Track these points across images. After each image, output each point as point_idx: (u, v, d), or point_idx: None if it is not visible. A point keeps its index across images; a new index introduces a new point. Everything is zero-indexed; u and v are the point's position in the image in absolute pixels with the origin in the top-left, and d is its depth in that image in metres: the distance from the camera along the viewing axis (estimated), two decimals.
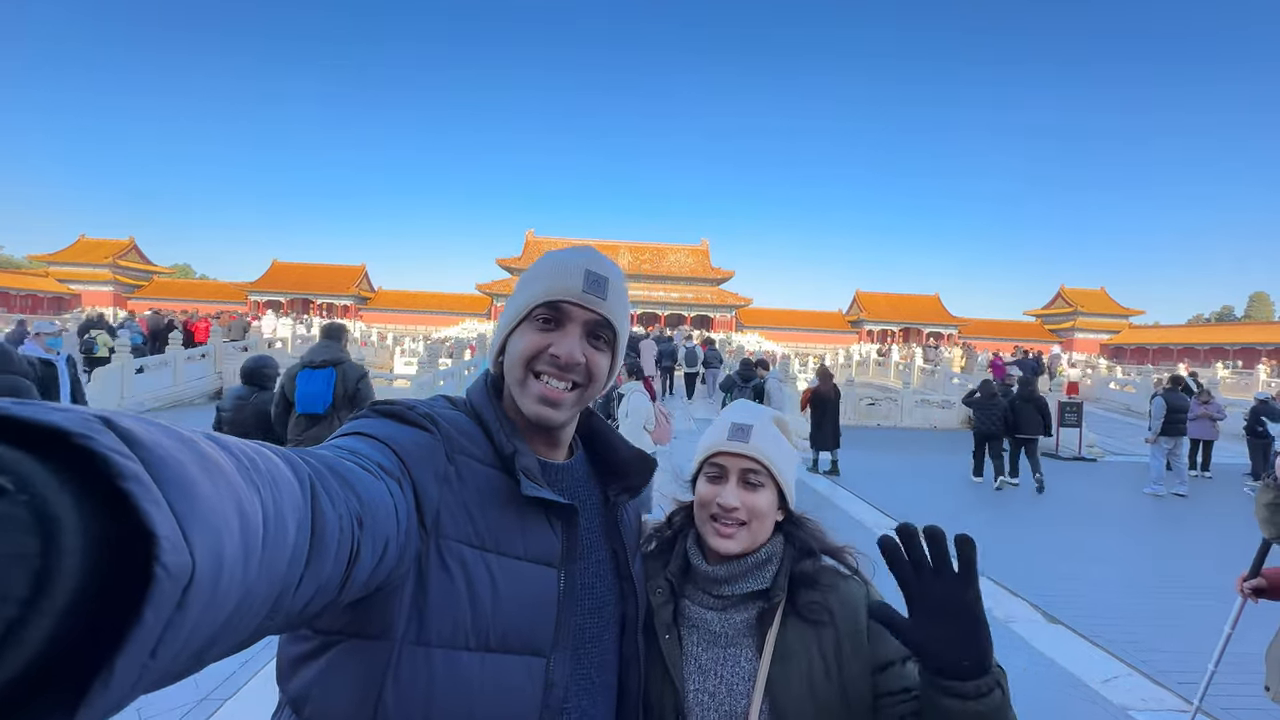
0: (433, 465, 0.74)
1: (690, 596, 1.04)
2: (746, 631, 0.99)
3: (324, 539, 0.49)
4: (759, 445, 1.02)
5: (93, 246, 54.25)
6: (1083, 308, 55.52)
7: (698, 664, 0.98)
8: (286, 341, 21.37)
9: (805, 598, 0.99)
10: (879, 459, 11.38)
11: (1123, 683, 3.74)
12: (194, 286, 60.64)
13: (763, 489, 1.02)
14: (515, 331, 0.86)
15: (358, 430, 0.74)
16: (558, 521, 0.82)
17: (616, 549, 0.93)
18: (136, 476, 0.29)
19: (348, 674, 0.69)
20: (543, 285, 0.84)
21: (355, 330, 28.92)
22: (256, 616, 0.42)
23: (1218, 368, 30.35)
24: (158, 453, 0.32)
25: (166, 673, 0.34)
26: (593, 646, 0.86)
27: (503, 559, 0.76)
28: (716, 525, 1.01)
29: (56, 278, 52.09)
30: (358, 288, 54.41)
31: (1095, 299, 57.11)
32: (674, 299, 49.04)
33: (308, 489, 0.49)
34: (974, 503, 8.47)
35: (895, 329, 53.47)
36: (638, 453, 0.98)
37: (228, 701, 3.04)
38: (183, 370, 14.18)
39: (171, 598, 0.30)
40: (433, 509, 0.72)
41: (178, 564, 0.30)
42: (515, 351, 0.84)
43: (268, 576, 0.41)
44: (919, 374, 21.56)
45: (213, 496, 0.34)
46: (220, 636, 0.38)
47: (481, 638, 0.73)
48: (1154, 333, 56.08)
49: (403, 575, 0.68)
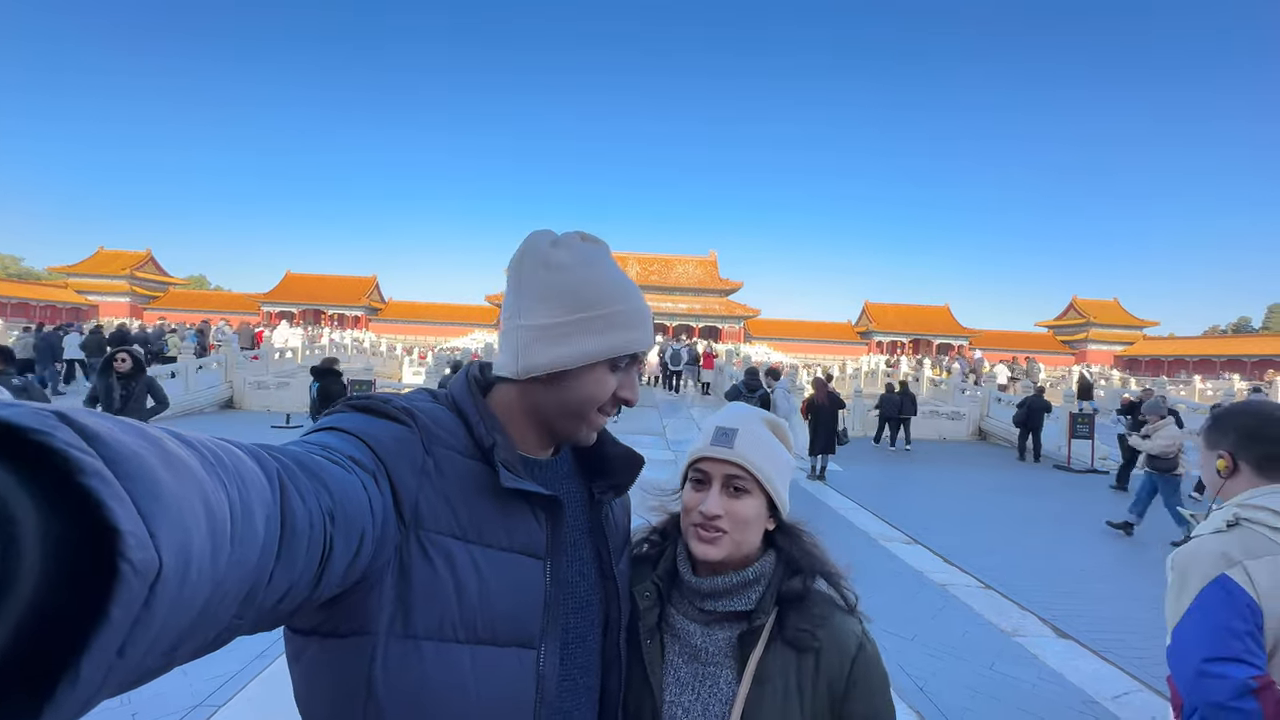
0: (409, 458, 0.73)
1: (676, 605, 1.02)
2: (729, 652, 0.96)
3: (294, 534, 0.49)
4: (743, 450, 0.99)
5: (111, 258, 55.27)
6: (1095, 319, 54.93)
7: (676, 676, 0.97)
8: (297, 352, 21.62)
9: (794, 624, 0.95)
10: (886, 470, 11.28)
11: (1135, 699, 3.66)
12: (208, 297, 61.61)
13: (748, 496, 0.98)
14: (587, 371, 0.83)
15: (331, 425, 0.74)
16: (542, 514, 0.81)
17: (600, 548, 0.92)
18: (98, 472, 0.29)
19: (330, 672, 0.69)
20: (626, 336, 0.85)
21: (365, 341, 29.16)
22: (227, 614, 0.41)
23: (1234, 379, 29.87)
24: (118, 448, 0.31)
25: (135, 671, 0.33)
26: (576, 647, 0.85)
27: (487, 550, 0.75)
28: (699, 531, 0.98)
29: (75, 289, 53.06)
30: (369, 299, 54.97)
31: (1108, 310, 56.52)
32: (682, 310, 49.06)
33: (276, 484, 0.49)
34: (982, 515, 8.36)
35: (905, 340, 53.18)
36: (625, 450, 0.96)
37: (221, 709, 3.03)
38: (194, 379, 14.35)
39: (139, 595, 0.30)
40: (411, 501, 0.71)
41: (144, 560, 0.29)
42: (592, 393, 0.84)
43: (237, 572, 0.40)
44: (928, 385, 21.41)
45: (178, 492, 0.34)
46: (190, 634, 0.37)
47: (470, 629, 0.72)
48: (1169, 344, 55.37)
49: (380, 569, 0.67)
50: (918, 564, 5.97)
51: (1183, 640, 1.34)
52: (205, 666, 3.23)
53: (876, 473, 10.80)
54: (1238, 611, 1.27)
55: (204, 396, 14.64)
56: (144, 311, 50.97)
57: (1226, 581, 1.29)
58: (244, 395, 15.74)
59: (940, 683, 3.72)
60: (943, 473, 11.45)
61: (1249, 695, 1.22)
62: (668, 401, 18.07)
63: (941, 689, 3.64)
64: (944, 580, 5.56)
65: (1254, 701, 1.21)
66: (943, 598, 5.14)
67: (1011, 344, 52.13)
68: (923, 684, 3.68)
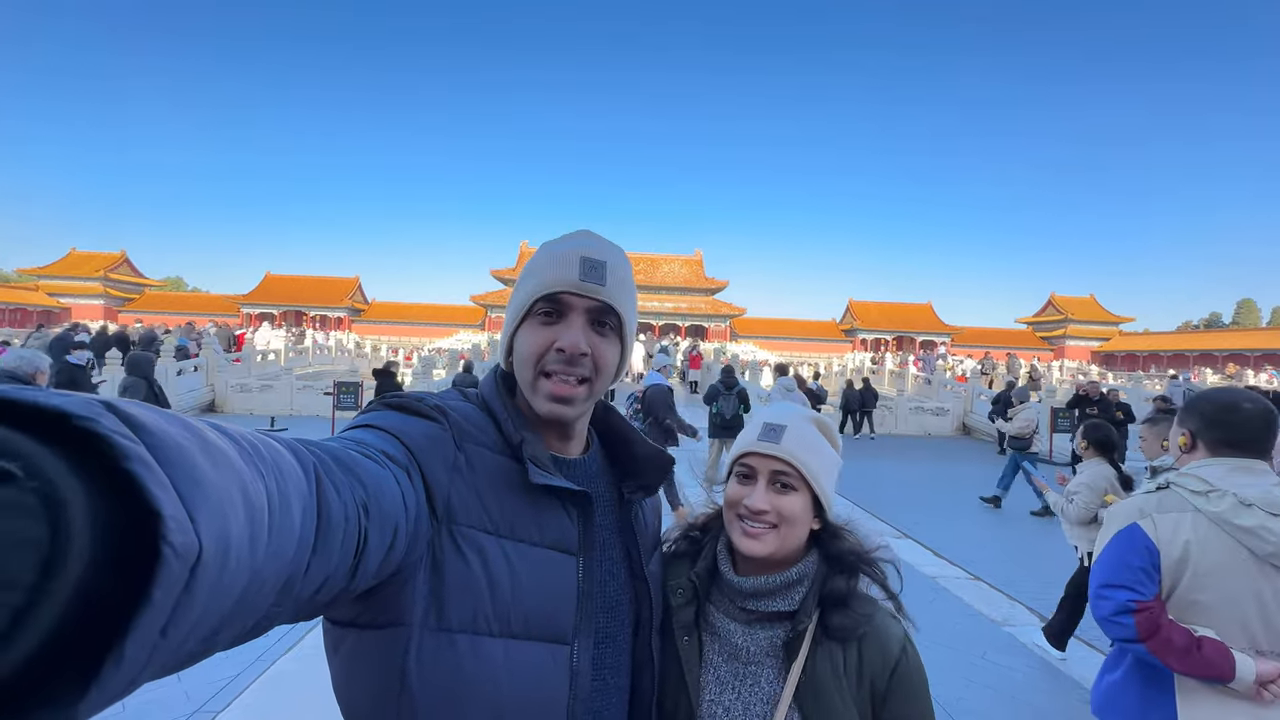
0: (441, 454, 0.75)
1: (716, 602, 1.01)
2: (771, 653, 0.95)
3: (330, 525, 0.50)
4: (790, 447, 0.98)
5: (83, 260, 53.82)
6: (1073, 315, 55.91)
7: (716, 675, 0.96)
8: (280, 354, 21.27)
9: (838, 621, 0.95)
10: (873, 465, 11.42)
11: None
12: (186, 299, 60.21)
13: (794, 492, 0.98)
14: (519, 330, 0.86)
15: (366, 423, 0.75)
16: (574, 510, 0.82)
17: (630, 548, 0.93)
18: (141, 458, 0.30)
19: (366, 664, 0.71)
20: (540, 278, 0.84)
21: (349, 342, 28.79)
22: (265, 602, 0.42)
23: (1207, 374, 30.64)
24: (161, 436, 0.32)
25: (177, 654, 0.34)
26: (607, 646, 0.85)
27: (519, 545, 0.77)
28: (744, 525, 0.97)
29: (47, 291, 51.64)
30: (351, 299, 54.15)
31: (1086, 306, 57.57)
32: (668, 309, 49.09)
33: (313, 478, 0.49)
34: (968, 508, 8.52)
35: (888, 337, 53.68)
36: (655, 450, 0.96)
37: (219, 715, 3.00)
38: (174, 382, 14.08)
39: (180, 577, 0.31)
40: (443, 496, 0.73)
41: (184, 544, 0.30)
42: (523, 351, 0.84)
43: (275, 561, 0.41)
44: (913, 381, 21.69)
45: (217, 480, 0.35)
46: (229, 620, 0.38)
47: (504, 623, 0.73)
48: (1144, 339, 56.61)
49: (414, 563, 0.69)
50: (908, 557, 6.05)
51: (1093, 570, 1.69)
52: (202, 671, 3.18)
53: (864, 468, 10.92)
54: (1135, 551, 1.59)
55: (185, 400, 14.37)
56: (119, 314, 49.75)
57: (1134, 529, 1.61)
58: (226, 399, 15.50)
59: (934, 673, 3.78)
60: (928, 467, 11.63)
61: (1127, 614, 1.55)
62: None
63: (936, 679, 3.70)
64: (934, 573, 5.65)
65: (1130, 619, 1.54)
66: (933, 589, 5.23)
67: (992, 340, 52.95)
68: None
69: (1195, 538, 1.54)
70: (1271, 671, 1.45)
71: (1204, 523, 1.54)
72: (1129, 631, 1.54)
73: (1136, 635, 1.52)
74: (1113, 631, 1.59)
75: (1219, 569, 1.51)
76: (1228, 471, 1.57)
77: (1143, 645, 1.52)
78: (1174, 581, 1.55)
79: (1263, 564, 1.49)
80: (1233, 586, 1.51)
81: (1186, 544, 1.54)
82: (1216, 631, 1.50)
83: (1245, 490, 1.52)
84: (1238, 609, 1.50)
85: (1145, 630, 1.51)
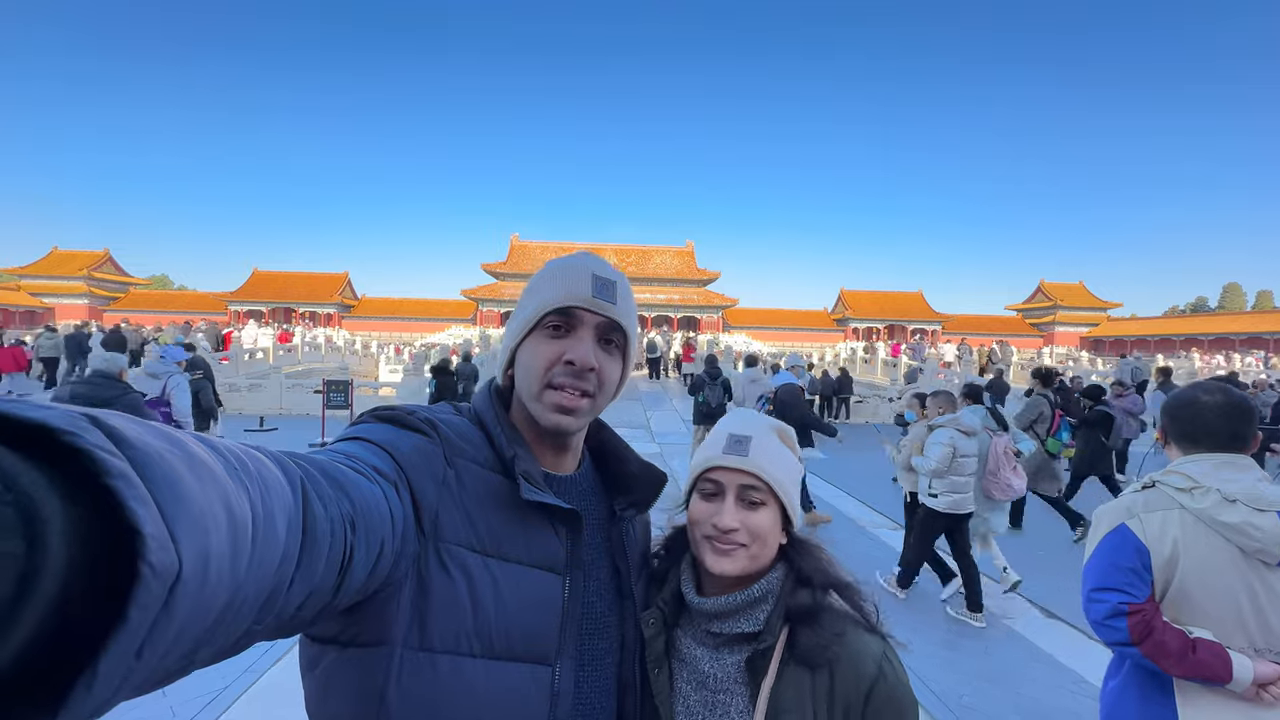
0: (430, 469, 0.74)
1: (683, 628, 0.96)
2: (738, 678, 0.89)
3: (315, 540, 0.49)
4: (758, 459, 0.93)
5: (66, 259, 52.96)
6: (1062, 301, 56.36)
7: (686, 705, 0.91)
8: (268, 352, 21.01)
9: (806, 641, 0.87)
10: (866, 456, 11.42)
11: None
12: (172, 297, 59.40)
13: (764, 508, 0.93)
14: (525, 342, 0.85)
15: (355, 435, 0.74)
16: (562, 528, 0.81)
17: (620, 566, 0.90)
18: (123, 474, 0.29)
19: (344, 683, 0.69)
20: (552, 292, 0.83)
21: (338, 339, 28.50)
22: (247, 618, 0.42)
23: (1194, 358, 30.94)
24: (144, 450, 0.32)
25: (154, 674, 0.34)
26: (592, 667, 0.83)
27: (505, 564, 0.75)
28: (713, 543, 0.92)
29: (29, 291, 50.80)
30: (341, 295, 53.65)
31: (1074, 293, 58.03)
32: (660, 300, 48.96)
33: (298, 490, 0.49)
34: None
35: (880, 326, 53.90)
36: (647, 467, 0.95)
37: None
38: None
39: (158, 597, 0.30)
40: (431, 512, 0.72)
41: (164, 562, 0.30)
42: (530, 362, 0.83)
43: (257, 576, 0.41)
44: (905, 369, 21.74)
45: (200, 495, 0.34)
46: (209, 638, 0.38)
47: (485, 643, 0.72)
48: (1131, 325, 57.08)
49: (399, 579, 0.68)
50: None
51: (1084, 574, 1.66)
52: (187, 685, 3.10)
53: (855, 461, 10.91)
54: (1126, 553, 1.57)
55: None
56: (104, 313, 49.07)
57: (1123, 529, 1.60)
58: None
59: (935, 669, 3.76)
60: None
61: (1120, 617, 1.53)
62: (650, 393, 18.25)
63: (938, 675, 3.68)
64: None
65: (1123, 622, 1.52)
66: (931, 583, 5.20)
67: (982, 328, 53.28)
68: (918, 671, 3.71)
69: (1183, 535, 1.53)
70: (1270, 674, 1.43)
71: (1190, 520, 1.53)
72: (1122, 635, 1.52)
73: (1129, 639, 1.51)
74: (1106, 636, 1.57)
75: (1208, 566, 1.50)
76: (1213, 468, 1.56)
77: (1136, 649, 1.50)
78: (1166, 580, 1.54)
79: (1251, 560, 1.48)
80: (1223, 584, 1.49)
81: (1175, 542, 1.53)
82: (1212, 631, 1.48)
83: (1229, 486, 1.51)
84: (1231, 607, 1.49)
85: (1138, 633, 1.50)
